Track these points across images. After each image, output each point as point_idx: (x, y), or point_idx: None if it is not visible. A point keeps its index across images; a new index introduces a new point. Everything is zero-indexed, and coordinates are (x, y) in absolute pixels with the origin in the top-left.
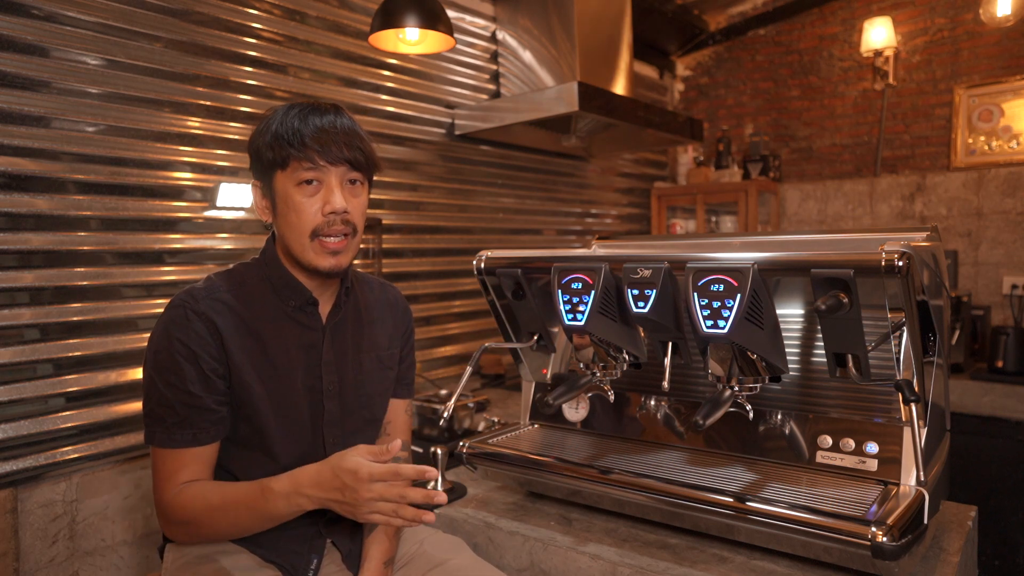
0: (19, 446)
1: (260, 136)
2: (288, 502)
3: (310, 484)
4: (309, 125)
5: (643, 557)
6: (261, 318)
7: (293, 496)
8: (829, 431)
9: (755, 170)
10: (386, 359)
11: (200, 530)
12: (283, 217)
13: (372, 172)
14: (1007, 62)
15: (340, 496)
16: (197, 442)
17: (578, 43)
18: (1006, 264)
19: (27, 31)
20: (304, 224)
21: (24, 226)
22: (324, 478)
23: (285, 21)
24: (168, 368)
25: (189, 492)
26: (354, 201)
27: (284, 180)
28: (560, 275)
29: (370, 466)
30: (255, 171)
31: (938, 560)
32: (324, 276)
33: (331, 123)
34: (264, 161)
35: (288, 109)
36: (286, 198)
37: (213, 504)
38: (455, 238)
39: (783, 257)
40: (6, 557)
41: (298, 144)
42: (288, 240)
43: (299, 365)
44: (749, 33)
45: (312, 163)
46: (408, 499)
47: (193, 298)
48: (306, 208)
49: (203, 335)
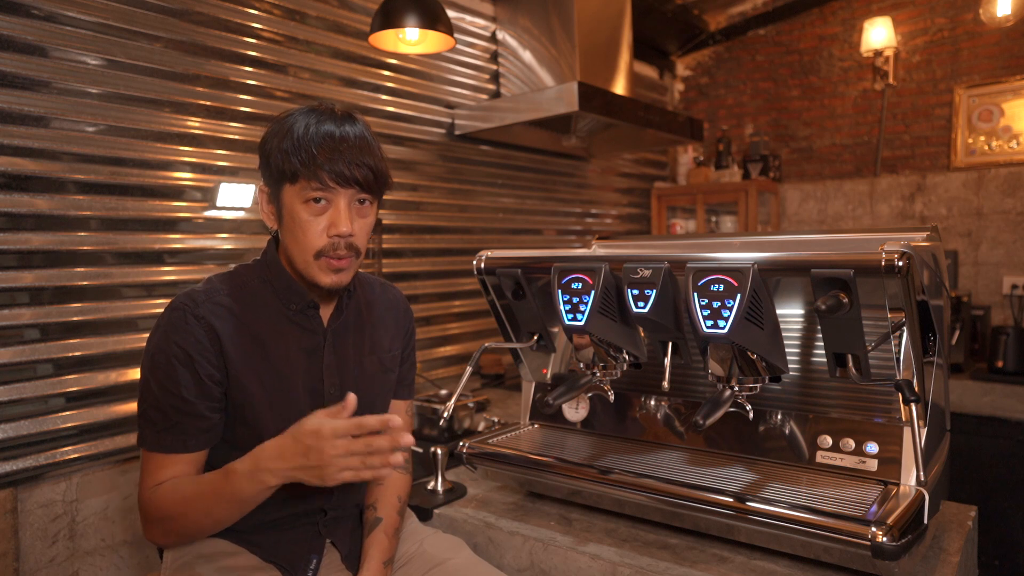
0: (19, 446)
1: (273, 140)
2: (252, 480)
3: (272, 457)
4: (322, 141)
5: (643, 557)
6: (262, 321)
7: (256, 473)
8: (829, 431)
9: (755, 170)
10: (387, 361)
11: (175, 525)
12: (288, 231)
13: (382, 192)
14: (1007, 62)
15: (305, 461)
16: (185, 448)
17: (578, 43)
18: (1006, 264)
19: (27, 31)
20: (308, 243)
21: (24, 226)
22: (286, 447)
23: (285, 21)
24: (163, 372)
25: (165, 488)
26: (360, 222)
27: (292, 194)
28: (560, 275)
29: (332, 423)
30: (264, 175)
31: (938, 560)
32: (325, 292)
33: (344, 139)
34: (274, 169)
35: (303, 121)
36: (292, 213)
37: (187, 496)
38: (455, 238)
39: (783, 257)
40: (6, 557)
41: (309, 162)
42: (292, 254)
43: (300, 369)
44: (749, 33)
45: (321, 184)
46: (374, 448)
47: (193, 301)
48: (312, 228)
49: (201, 340)
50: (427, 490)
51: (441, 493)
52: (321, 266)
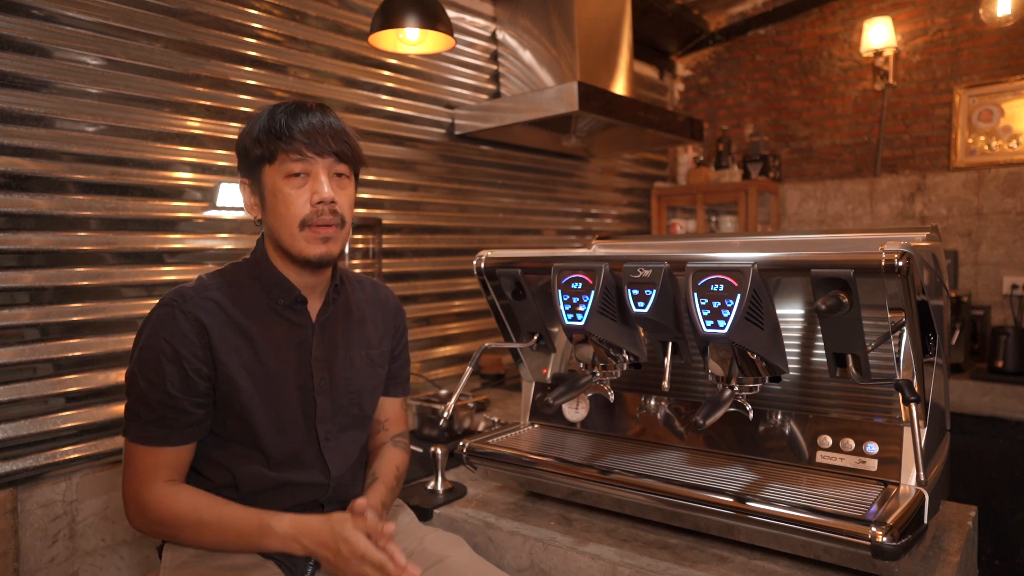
0: (19, 446)
1: (247, 135)
2: (283, 544)
3: (310, 538)
4: (297, 121)
5: (643, 557)
6: (251, 316)
7: (290, 541)
8: (829, 431)
9: (755, 170)
10: (376, 357)
11: (178, 535)
12: (272, 210)
13: (358, 166)
14: (1007, 62)
15: (332, 557)
16: (168, 442)
17: (578, 43)
18: (1006, 264)
19: (27, 31)
20: (293, 214)
21: (24, 226)
22: (324, 537)
23: (285, 21)
24: (150, 366)
25: (181, 499)
26: (341, 193)
27: (272, 173)
28: (560, 275)
29: (366, 547)
30: (243, 169)
31: (938, 560)
32: (315, 266)
33: (319, 119)
34: (252, 157)
35: (274, 108)
36: (275, 191)
37: (204, 520)
38: (455, 238)
39: (783, 257)
40: (6, 557)
41: (286, 138)
42: (278, 232)
43: (290, 362)
44: (749, 33)
45: (300, 155)
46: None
47: (182, 297)
48: (295, 199)
49: (188, 334)
50: (427, 490)
51: (441, 493)
52: (308, 237)
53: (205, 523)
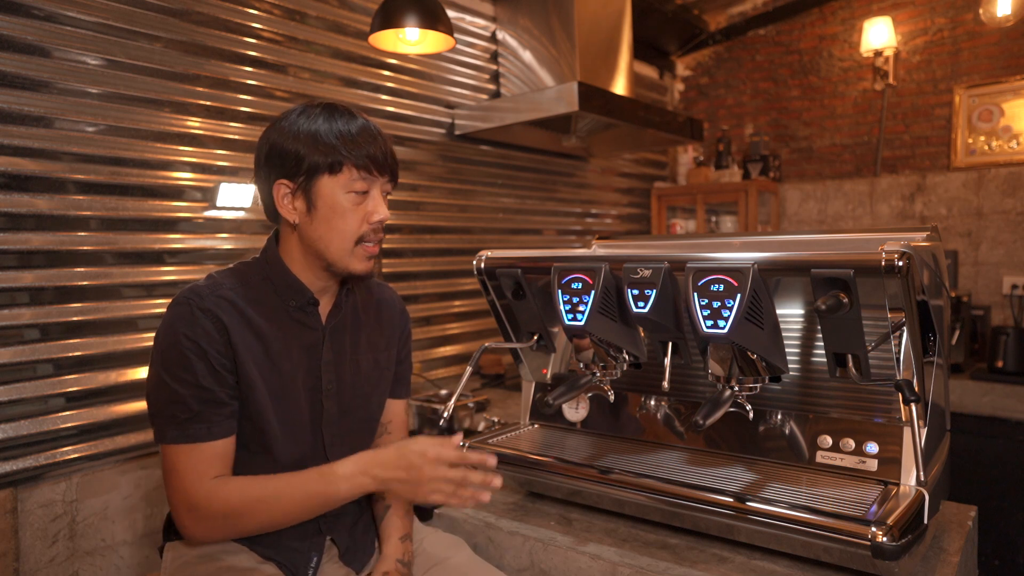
0: (19, 446)
1: (290, 136)
2: (351, 482)
3: (375, 464)
4: (360, 132)
5: (643, 557)
6: (263, 317)
7: (357, 476)
8: (829, 431)
9: (755, 170)
10: (383, 360)
11: (239, 523)
12: (325, 222)
13: None
14: (1007, 62)
15: (405, 475)
16: (212, 436)
17: (578, 43)
18: (1006, 264)
19: (27, 31)
20: (352, 231)
21: (24, 226)
22: (388, 459)
23: (285, 21)
24: (178, 364)
25: (230, 487)
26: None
27: (333, 185)
28: (560, 275)
29: (439, 448)
30: (282, 170)
31: (938, 560)
32: (355, 279)
33: (376, 132)
34: (306, 163)
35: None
36: (333, 204)
37: (261, 497)
38: (455, 238)
39: (783, 257)
40: (6, 557)
41: (355, 153)
42: (325, 243)
43: (300, 365)
44: (749, 33)
45: (368, 173)
46: (468, 480)
47: (198, 295)
48: (353, 216)
49: (210, 331)
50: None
51: None
52: (358, 253)
53: (263, 500)
